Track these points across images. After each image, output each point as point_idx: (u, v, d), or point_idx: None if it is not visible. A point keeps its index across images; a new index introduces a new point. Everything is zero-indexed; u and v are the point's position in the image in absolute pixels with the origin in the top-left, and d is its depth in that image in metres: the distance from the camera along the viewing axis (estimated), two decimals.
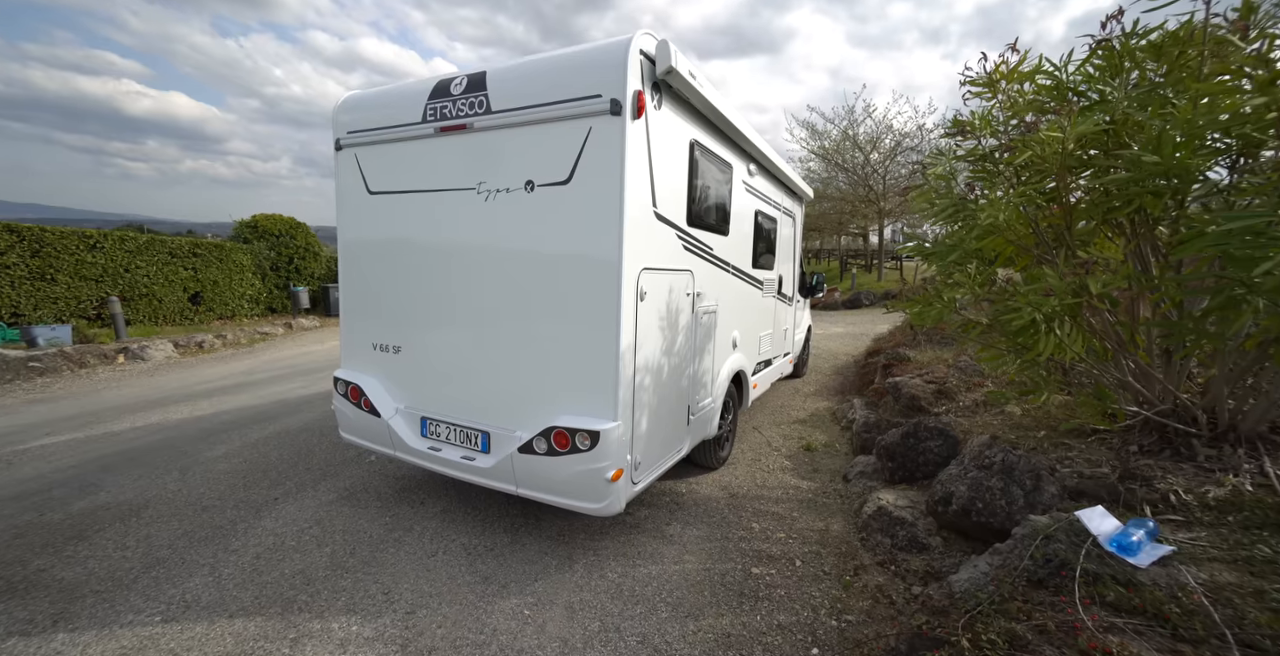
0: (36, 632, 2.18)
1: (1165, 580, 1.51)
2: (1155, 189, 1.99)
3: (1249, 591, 1.48)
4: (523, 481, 2.75)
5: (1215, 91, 1.98)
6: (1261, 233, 1.58)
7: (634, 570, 2.82)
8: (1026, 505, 2.42)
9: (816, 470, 4.28)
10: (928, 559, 2.69)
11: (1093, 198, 2.38)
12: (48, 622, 2.24)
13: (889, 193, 20.26)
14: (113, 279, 10.48)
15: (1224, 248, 1.72)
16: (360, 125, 3.19)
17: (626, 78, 2.33)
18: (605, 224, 2.45)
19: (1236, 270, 1.77)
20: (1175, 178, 1.92)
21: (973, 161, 3.12)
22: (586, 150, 2.45)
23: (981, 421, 3.68)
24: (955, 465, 2.91)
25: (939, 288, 3.12)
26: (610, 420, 2.52)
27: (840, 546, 3.05)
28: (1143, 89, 2.24)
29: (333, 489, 3.65)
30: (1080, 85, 2.60)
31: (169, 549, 2.83)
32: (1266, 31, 2.04)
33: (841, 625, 2.36)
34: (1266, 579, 1.51)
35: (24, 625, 2.22)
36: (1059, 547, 1.73)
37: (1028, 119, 2.78)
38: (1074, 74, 2.61)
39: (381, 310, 3.30)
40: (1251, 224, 1.59)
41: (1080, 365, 2.68)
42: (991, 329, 3.08)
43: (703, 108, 3.07)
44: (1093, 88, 2.56)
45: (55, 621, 2.24)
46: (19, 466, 3.89)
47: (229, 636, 2.21)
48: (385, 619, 2.37)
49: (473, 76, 2.78)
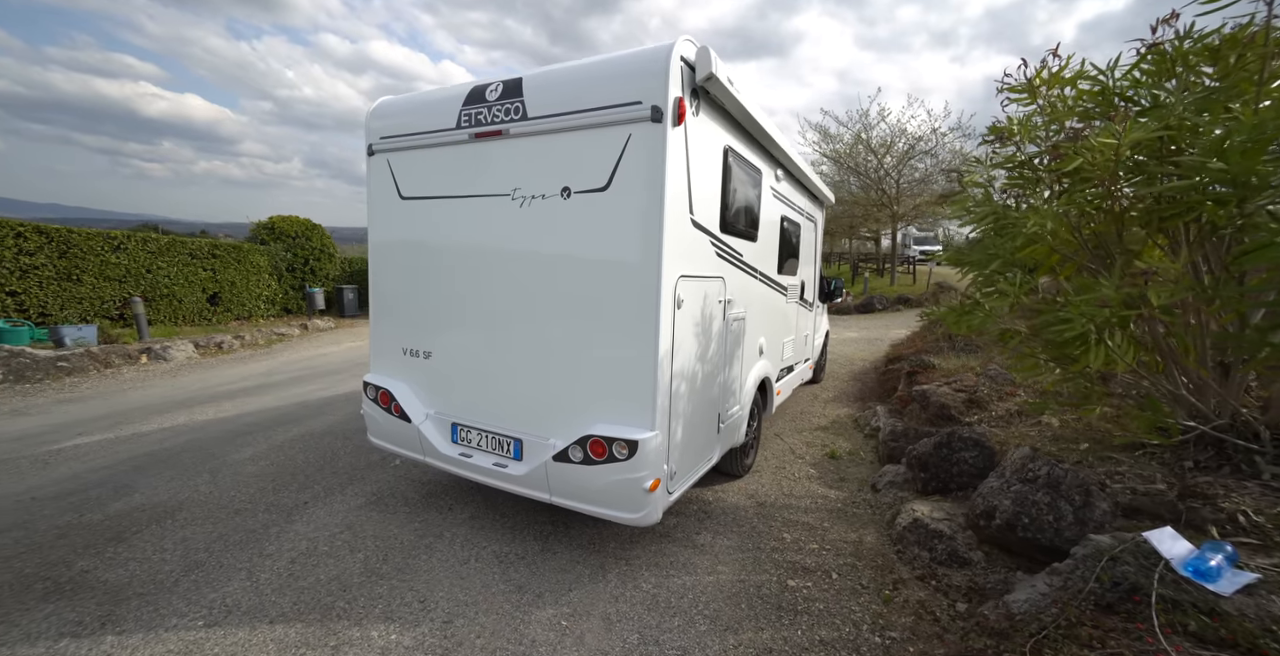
0: (86, 634, 2.20)
1: (1254, 610, 1.44)
2: (1218, 196, 1.94)
3: None
4: (557, 490, 2.73)
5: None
6: None
7: (668, 581, 2.78)
8: (1076, 522, 2.35)
9: (843, 479, 4.22)
10: (970, 574, 2.63)
11: (1145, 205, 2.32)
12: (96, 624, 2.26)
13: (902, 196, 20.09)
14: (135, 279, 10.65)
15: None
16: (393, 131, 3.20)
17: (668, 84, 2.31)
18: (645, 231, 2.43)
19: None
20: (1241, 184, 1.86)
21: (1010, 168, 3.07)
22: (625, 157, 2.44)
23: (1018, 432, 3.61)
24: (995, 478, 2.85)
25: (977, 295, 3.07)
26: (648, 429, 2.49)
27: (876, 559, 2.99)
28: (1199, 93, 2.17)
29: (360, 493, 3.66)
30: (1128, 90, 2.54)
31: (206, 552, 2.85)
32: None
33: (885, 642, 2.31)
34: None
35: (74, 626, 2.24)
36: (1127, 570, 1.68)
37: (1073, 125, 2.73)
38: (1121, 79, 2.55)
39: (412, 315, 3.30)
40: None
41: (1127, 377, 2.61)
42: (1030, 338, 3.02)
43: (737, 114, 3.04)
44: (1141, 93, 2.50)
45: (103, 623, 2.26)
46: (55, 466, 3.94)
47: (271, 642, 2.20)
48: (423, 628, 2.36)
49: (508, 82, 2.77)
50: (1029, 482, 2.60)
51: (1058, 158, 2.32)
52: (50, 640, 2.16)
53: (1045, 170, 2.74)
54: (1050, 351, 2.76)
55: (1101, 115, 2.59)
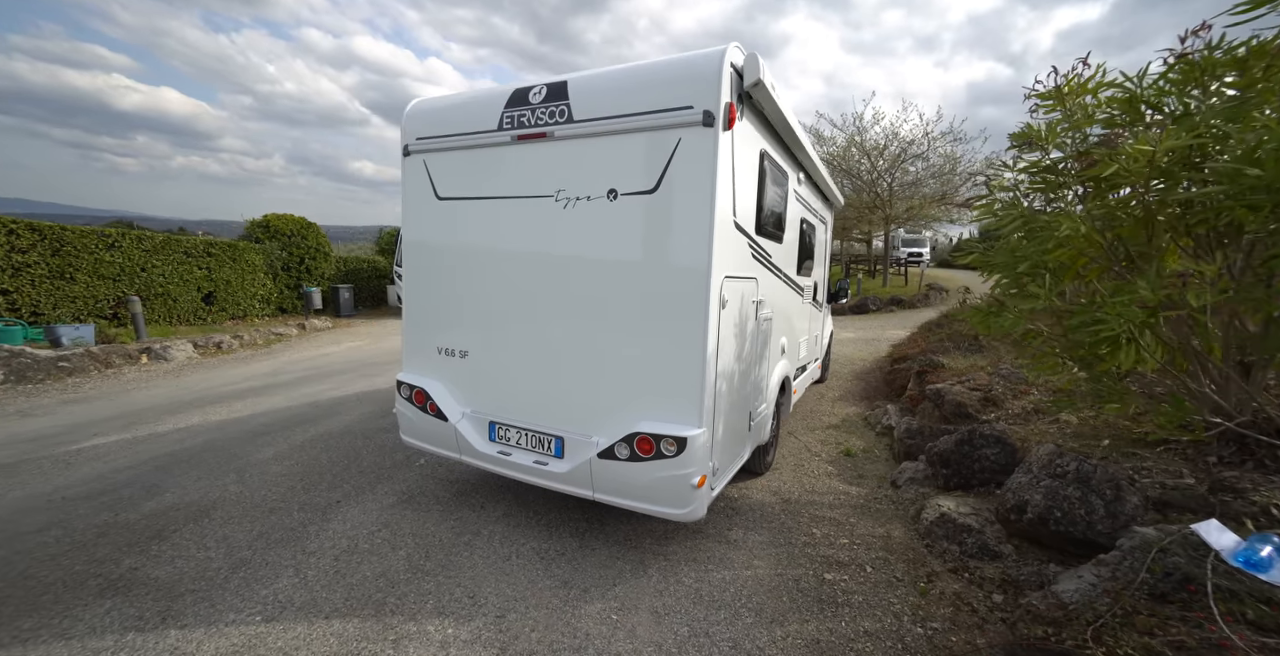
0: (149, 628, 2.21)
1: None
2: (1252, 202, 2.04)
3: None
4: (600, 486, 2.78)
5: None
6: None
7: (708, 575, 2.84)
8: (1108, 515, 2.46)
9: (862, 476, 4.32)
10: (1002, 567, 2.73)
11: (1173, 210, 2.43)
12: (157, 619, 2.27)
13: (894, 199, 20.39)
14: (129, 278, 10.48)
15: None
16: (430, 131, 3.22)
17: (721, 90, 2.38)
18: (694, 233, 2.48)
19: None
20: (1275, 191, 1.96)
21: (1034, 173, 3.18)
22: (675, 160, 2.49)
23: (1036, 429, 3.73)
24: (1023, 473, 2.95)
25: (1003, 297, 3.18)
26: (696, 427, 2.55)
27: (906, 552, 3.08)
28: (1229, 102, 2.28)
29: (390, 492, 3.67)
30: (1155, 98, 2.65)
31: (249, 549, 2.85)
32: None
33: (928, 633, 2.39)
34: None
35: (136, 621, 2.26)
36: (1178, 561, 1.77)
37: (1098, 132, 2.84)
38: (1148, 87, 2.66)
39: (447, 314, 3.32)
40: None
41: (1151, 376, 2.73)
42: (1052, 339, 3.13)
43: (774, 119, 3.11)
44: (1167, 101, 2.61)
45: (163, 619, 2.27)
46: (78, 466, 3.90)
47: (331, 637, 2.23)
48: (477, 622, 2.39)
49: (552, 85, 2.82)
50: (1059, 478, 2.70)
51: (1091, 163, 2.42)
52: (116, 634, 2.17)
53: (1073, 175, 2.85)
54: (1074, 352, 2.87)
55: (1128, 123, 2.71)
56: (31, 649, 2.08)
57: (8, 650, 2.06)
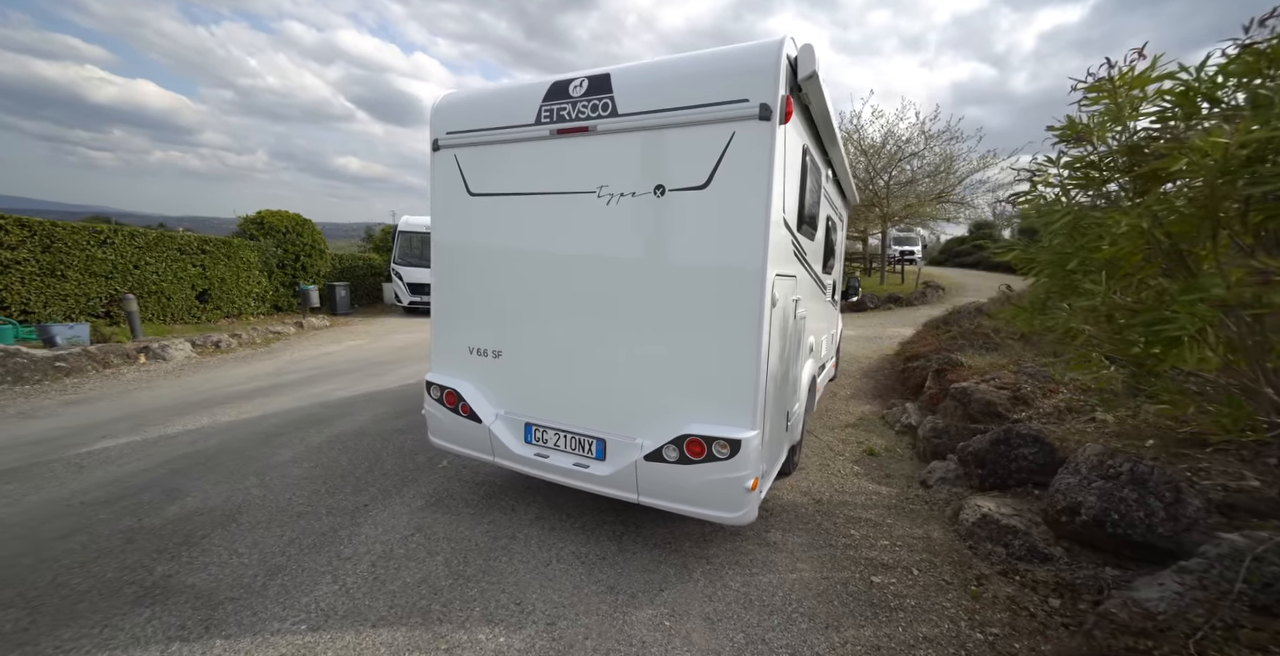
0: (194, 638, 2.13)
1: None
2: None
3: None
4: (646, 490, 2.71)
5: None
6: None
7: (754, 579, 2.79)
8: (1169, 518, 2.43)
9: (889, 475, 4.28)
10: (1054, 570, 2.69)
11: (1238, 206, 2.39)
12: (200, 629, 2.18)
13: (891, 197, 20.45)
14: (122, 276, 10.25)
15: None
16: (461, 126, 3.12)
17: (779, 82, 2.30)
18: (749, 230, 2.41)
19: None
20: None
21: (1078, 168, 3.13)
22: (728, 155, 2.42)
23: (1072, 429, 3.71)
24: (1070, 474, 2.92)
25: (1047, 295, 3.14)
26: (750, 428, 2.49)
27: (950, 555, 3.04)
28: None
29: (418, 495, 3.57)
30: (1211, 91, 2.61)
31: (282, 555, 2.75)
32: None
33: (989, 638, 2.35)
34: None
35: (179, 630, 2.17)
36: (1277, 571, 1.73)
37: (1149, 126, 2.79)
38: (1205, 81, 2.61)
39: (480, 313, 3.23)
40: None
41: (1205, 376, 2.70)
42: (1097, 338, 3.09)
43: (818, 113, 3.05)
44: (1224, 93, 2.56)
45: (206, 628, 2.19)
46: (90, 470, 3.76)
47: (381, 646, 2.15)
48: (528, 629, 2.32)
49: (594, 78, 2.73)
50: (1111, 479, 2.67)
51: (1159, 156, 2.37)
52: (160, 644, 2.09)
53: (1121, 170, 2.80)
54: (1124, 351, 2.83)
55: (1183, 117, 2.66)
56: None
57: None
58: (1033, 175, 3.18)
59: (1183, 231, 2.66)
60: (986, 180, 20.20)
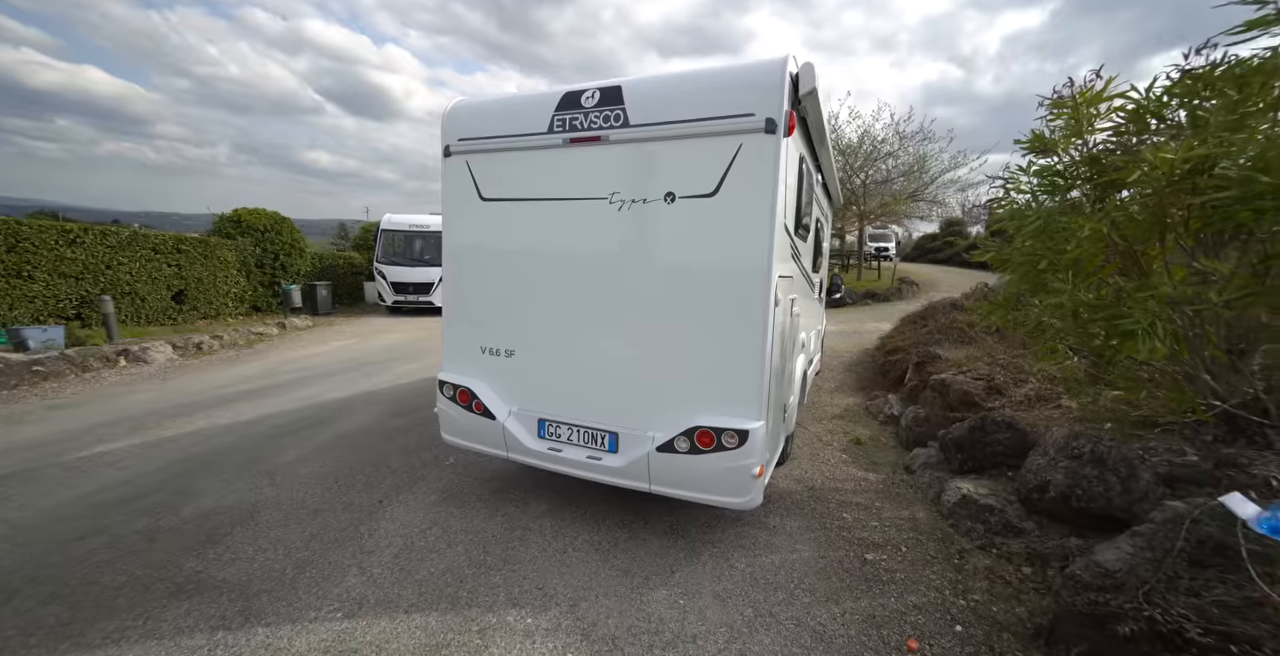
0: (236, 627, 2.23)
1: None
2: (1258, 206, 2.30)
3: None
4: (658, 479, 2.88)
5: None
6: None
7: (758, 560, 3.00)
8: (1124, 491, 2.72)
9: (875, 462, 4.55)
10: (1026, 541, 2.97)
11: (1181, 213, 2.69)
12: (239, 618, 2.28)
13: (868, 196, 21.01)
14: (94, 276, 9.92)
15: None
16: (474, 133, 3.23)
17: (783, 98, 2.49)
18: (755, 235, 2.60)
19: None
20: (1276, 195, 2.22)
21: (1046, 177, 3.42)
22: (736, 165, 2.60)
23: (1041, 415, 4.03)
24: (1039, 455, 3.21)
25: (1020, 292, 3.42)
26: (757, 419, 2.68)
27: (934, 532, 3.30)
28: (1233, 115, 2.54)
29: (430, 491, 3.68)
30: (1159, 110, 2.91)
31: (307, 550, 2.84)
32: None
33: (970, 604, 2.60)
34: None
35: (220, 620, 2.27)
36: (1210, 531, 2.00)
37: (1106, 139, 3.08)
38: (1153, 100, 2.91)
39: (492, 314, 3.35)
40: None
41: (1154, 364, 3.01)
42: (1063, 332, 3.39)
43: (814, 124, 3.25)
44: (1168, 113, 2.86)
45: (246, 617, 2.29)
46: (92, 474, 3.75)
47: (418, 630, 2.28)
48: (553, 611, 2.47)
49: (606, 89, 2.87)
50: (1076, 459, 2.96)
51: (1117, 168, 2.65)
52: (206, 633, 2.19)
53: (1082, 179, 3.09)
54: (1088, 343, 3.13)
55: (1135, 132, 2.96)
56: (126, 648, 2.08)
57: (103, 649, 2.03)
58: (1006, 182, 3.47)
59: (1136, 235, 2.96)
60: (957, 179, 20.96)
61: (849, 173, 20.54)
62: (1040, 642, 2.21)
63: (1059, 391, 4.29)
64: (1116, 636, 1.81)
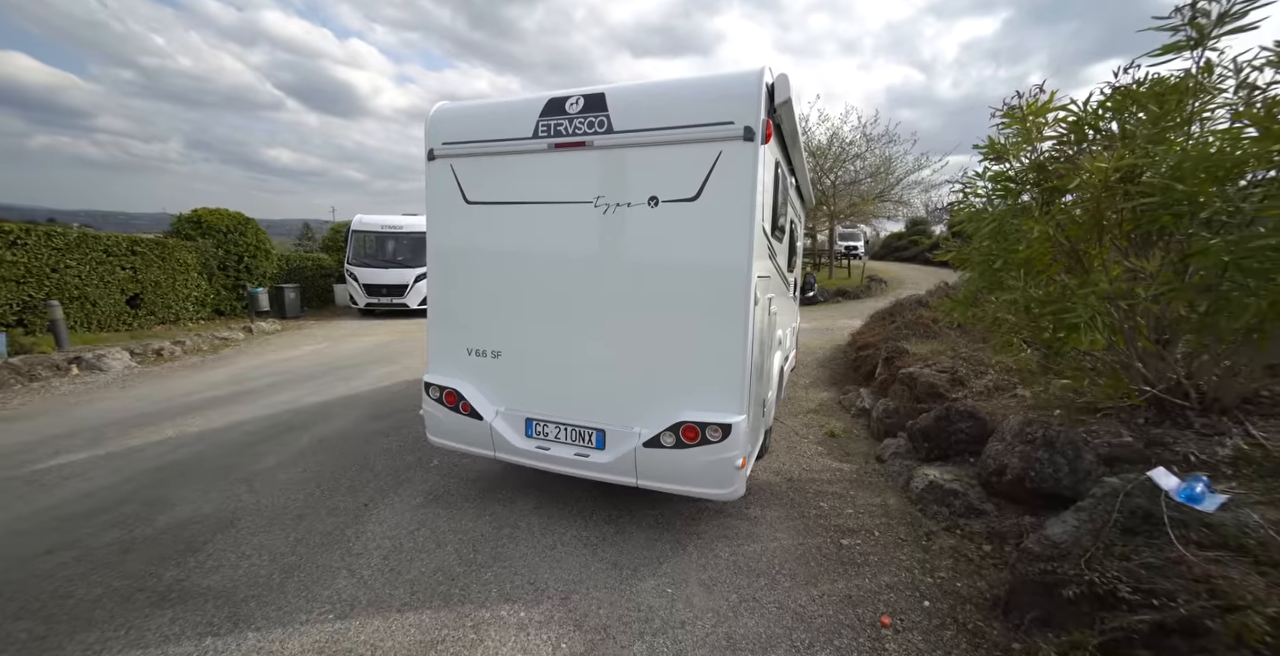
0: (225, 633, 2.21)
1: (1232, 521, 2.01)
2: (1176, 211, 2.56)
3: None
4: (645, 473, 2.98)
5: (1223, 135, 2.57)
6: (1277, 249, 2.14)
7: (740, 548, 3.13)
8: (1071, 472, 2.96)
9: (849, 454, 4.77)
10: (986, 522, 3.19)
11: (1115, 217, 2.95)
12: (228, 624, 2.26)
13: (838, 196, 21.63)
14: (38, 280, 9.38)
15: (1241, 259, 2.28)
16: (458, 137, 3.26)
17: (760, 107, 2.62)
18: (735, 237, 2.72)
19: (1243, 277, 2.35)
20: (1194, 202, 2.48)
21: (999, 181, 3.68)
22: (716, 170, 2.71)
23: (1000, 404, 4.30)
24: (998, 441, 3.44)
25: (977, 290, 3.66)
26: (739, 414, 2.81)
27: (904, 517, 3.51)
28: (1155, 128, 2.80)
29: (416, 493, 3.68)
30: (1094, 121, 3.18)
31: (293, 555, 2.83)
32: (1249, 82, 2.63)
33: (937, 581, 2.79)
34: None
35: (207, 627, 2.25)
36: (1140, 502, 2.22)
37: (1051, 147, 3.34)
38: (1089, 114, 3.18)
39: (478, 316, 3.38)
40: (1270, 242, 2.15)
41: (1096, 354, 3.28)
42: (1017, 326, 3.65)
43: (788, 131, 3.41)
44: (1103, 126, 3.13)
45: (235, 623, 2.27)
46: (55, 487, 3.61)
47: (412, 627, 2.31)
48: (545, 604, 2.54)
49: (590, 97, 2.95)
50: (1029, 443, 3.20)
51: (1059, 175, 2.89)
52: (193, 639, 2.16)
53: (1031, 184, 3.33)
54: (1038, 336, 3.38)
55: (1075, 141, 3.22)
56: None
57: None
58: (964, 187, 3.70)
59: (1079, 236, 3.22)
60: (921, 180, 21.79)
61: (819, 173, 21.10)
62: (999, 612, 2.41)
63: (1015, 381, 4.58)
64: (1063, 600, 2.01)
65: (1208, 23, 2.52)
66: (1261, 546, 1.89)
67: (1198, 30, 2.55)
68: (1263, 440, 2.65)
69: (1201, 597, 1.74)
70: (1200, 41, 2.59)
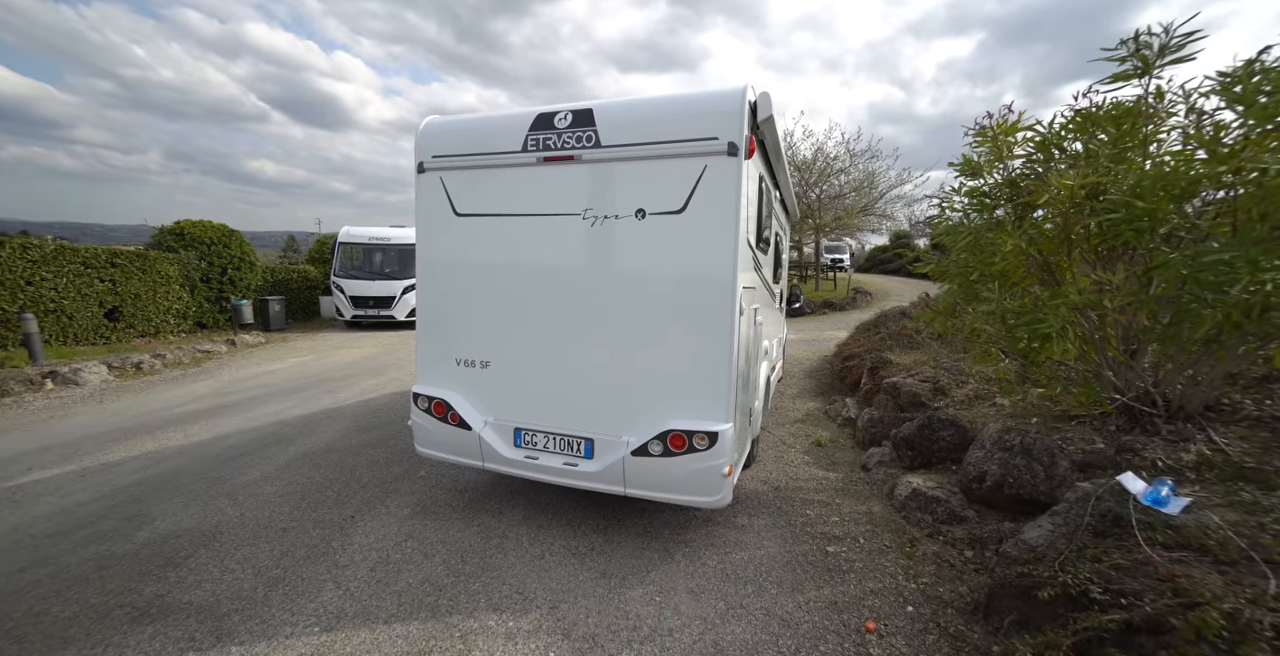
0: (208, 647, 2.17)
1: (1194, 523, 2.10)
2: (1137, 226, 2.70)
3: (1252, 525, 2.10)
4: (633, 482, 3.00)
5: (1177, 156, 2.73)
6: (1229, 264, 2.27)
7: (728, 556, 3.15)
8: (1047, 478, 3.04)
9: (835, 462, 4.83)
10: (968, 528, 3.26)
11: (1082, 231, 3.09)
12: (211, 638, 2.22)
13: (823, 210, 22.07)
14: (12, 293, 9.20)
15: (1197, 272, 2.41)
16: (448, 150, 3.32)
17: (743, 124, 2.73)
18: (720, 249, 2.81)
19: (1200, 289, 2.49)
20: (1153, 218, 2.62)
21: (974, 197, 3.83)
22: (701, 184, 2.81)
23: (980, 413, 4.40)
24: (977, 449, 3.53)
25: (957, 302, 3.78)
26: (725, 422, 2.86)
27: (889, 524, 3.56)
28: (1116, 149, 2.97)
29: (404, 505, 3.66)
30: (1059, 141, 3.34)
31: (278, 568, 2.79)
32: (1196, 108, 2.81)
33: (920, 586, 2.84)
34: (1257, 515, 2.15)
35: (189, 642, 2.21)
36: (1110, 506, 2.31)
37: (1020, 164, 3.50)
38: (1054, 134, 3.35)
39: (466, 326, 3.41)
40: (1223, 258, 2.28)
41: (1070, 364, 3.39)
42: (995, 336, 3.77)
43: (770, 146, 3.53)
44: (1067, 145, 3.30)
45: (218, 637, 2.23)
46: (28, 504, 3.52)
47: (399, 639, 2.29)
48: (533, 614, 2.54)
49: (578, 112, 3.04)
50: (1007, 450, 3.28)
51: (1029, 191, 3.03)
52: (174, 655, 2.10)
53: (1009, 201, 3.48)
54: (1014, 346, 3.49)
55: (1042, 160, 3.38)
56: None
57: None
58: (942, 202, 3.84)
59: (1050, 249, 3.36)
60: (904, 195, 22.34)
61: (804, 187, 21.54)
62: (979, 615, 2.46)
63: (994, 391, 4.69)
64: (1039, 602, 2.06)
65: (1151, 54, 2.70)
66: (1221, 546, 1.97)
67: (1143, 61, 2.73)
68: (1224, 446, 2.76)
69: (1166, 596, 1.81)
70: (1146, 71, 2.76)
